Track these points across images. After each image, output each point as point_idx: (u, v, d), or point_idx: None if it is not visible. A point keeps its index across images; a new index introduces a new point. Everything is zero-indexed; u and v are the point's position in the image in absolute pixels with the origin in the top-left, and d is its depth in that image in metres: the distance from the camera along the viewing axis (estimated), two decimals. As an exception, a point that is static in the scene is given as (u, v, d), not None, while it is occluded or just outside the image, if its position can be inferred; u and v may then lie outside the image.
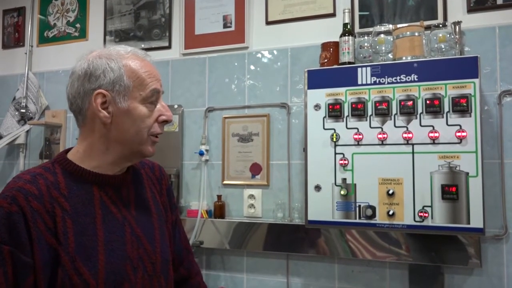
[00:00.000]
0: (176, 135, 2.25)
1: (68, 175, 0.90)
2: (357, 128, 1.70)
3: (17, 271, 0.79)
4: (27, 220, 0.81)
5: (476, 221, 1.53)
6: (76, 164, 0.92)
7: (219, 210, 2.10)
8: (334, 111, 1.73)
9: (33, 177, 0.87)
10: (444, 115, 1.59)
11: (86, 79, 0.91)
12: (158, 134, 0.97)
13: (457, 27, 1.74)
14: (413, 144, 1.63)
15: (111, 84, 0.90)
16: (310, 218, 1.75)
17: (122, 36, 2.46)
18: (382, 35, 1.79)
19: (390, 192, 1.63)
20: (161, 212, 1.06)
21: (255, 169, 2.09)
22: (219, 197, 2.12)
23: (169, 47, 2.33)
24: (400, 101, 1.65)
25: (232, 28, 2.20)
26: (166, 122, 0.97)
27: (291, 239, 1.95)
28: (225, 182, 2.14)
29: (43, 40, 2.70)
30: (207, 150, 2.18)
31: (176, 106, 2.26)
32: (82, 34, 2.59)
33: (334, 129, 1.73)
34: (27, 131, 2.62)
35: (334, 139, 1.72)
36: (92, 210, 0.89)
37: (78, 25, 2.60)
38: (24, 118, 2.59)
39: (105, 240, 0.88)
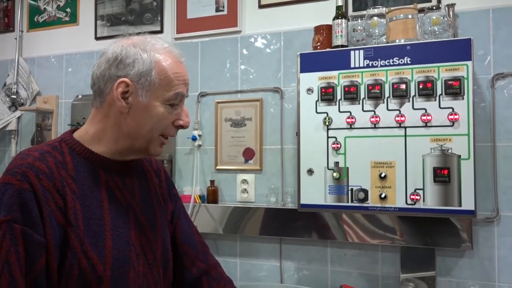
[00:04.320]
0: (169, 120, 2.23)
1: (75, 156, 0.89)
2: (350, 112, 1.70)
3: (29, 250, 0.76)
4: (39, 199, 0.78)
5: (468, 204, 1.54)
6: (85, 146, 0.91)
7: (212, 195, 2.10)
8: (327, 95, 1.72)
9: (41, 155, 0.85)
10: (437, 98, 1.59)
11: (115, 64, 0.89)
12: (170, 136, 0.95)
13: (450, 9, 1.72)
14: (405, 127, 1.62)
15: (137, 76, 0.88)
16: (302, 202, 1.75)
17: (113, 21, 2.42)
18: (375, 18, 1.77)
19: (382, 175, 1.63)
20: (161, 203, 1.05)
21: (248, 154, 2.09)
22: (212, 182, 2.11)
23: (161, 31, 2.31)
24: (393, 84, 1.64)
25: (225, 12, 2.18)
26: (181, 127, 0.95)
27: (284, 224, 1.95)
28: (218, 167, 2.14)
29: (33, 25, 2.66)
30: (199, 135, 2.17)
31: (168, 91, 2.24)
32: (73, 19, 2.55)
33: (327, 113, 1.73)
34: (19, 117, 2.60)
35: (327, 123, 1.72)
36: (99, 194, 0.88)
37: (68, 10, 2.56)
38: (15, 104, 2.57)
39: (112, 225, 0.87)
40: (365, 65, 1.68)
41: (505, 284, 1.68)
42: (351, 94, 1.69)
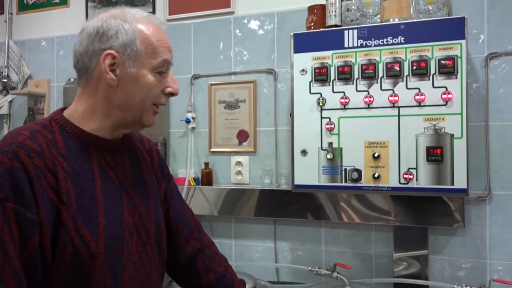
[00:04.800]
0: (162, 103, 2.21)
1: (66, 135, 0.88)
2: (344, 92, 1.69)
3: (22, 229, 0.76)
4: (30, 177, 0.78)
5: (460, 182, 1.55)
6: (75, 125, 0.90)
7: (206, 178, 2.10)
8: (321, 75, 1.72)
9: (32, 133, 0.84)
10: (431, 77, 1.58)
11: (97, 38, 0.88)
12: (161, 104, 0.95)
13: (445, -12, 1.71)
14: (399, 107, 1.62)
15: (122, 47, 0.87)
16: (296, 182, 1.75)
17: (104, 2, 2.38)
18: (369, -3, 1.76)
19: (376, 155, 1.63)
20: (154, 183, 1.05)
21: (242, 136, 2.08)
22: (206, 164, 2.11)
23: (153, 12, 2.27)
24: (387, 63, 1.63)
25: (217, -8, 2.15)
26: (172, 94, 0.95)
27: (279, 205, 1.96)
28: (212, 149, 2.13)
29: (23, 7, 2.61)
30: (193, 118, 2.16)
31: (161, 74, 2.22)
32: (63, 1, 2.51)
33: (321, 93, 1.72)
34: (10, 101, 2.57)
35: (321, 104, 1.71)
36: (90, 172, 0.87)
37: (58, -9, 2.52)
38: (6, 88, 2.54)
39: (105, 203, 0.86)
40: (358, 45, 1.67)
41: (496, 262, 1.71)
42: (344, 74, 1.68)
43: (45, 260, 0.78)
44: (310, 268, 1.74)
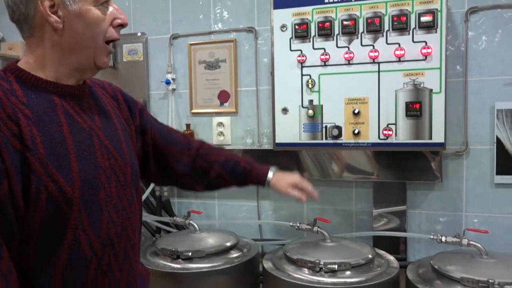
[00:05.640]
0: (141, 64, 2.17)
1: (23, 84, 0.84)
2: (324, 49, 1.67)
3: None
4: None
5: (438, 137, 1.57)
6: (31, 73, 0.85)
7: (188, 139, 2.09)
8: (301, 31, 1.69)
9: None
10: (410, 31, 1.58)
11: None
12: (114, 39, 0.91)
13: None
14: (379, 63, 1.62)
15: None
16: (278, 141, 1.76)
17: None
18: (350, -50, 1.71)
19: (356, 111, 1.64)
20: (124, 126, 1.03)
21: (223, 96, 2.06)
22: (187, 126, 2.10)
23: (128, -30, 2.19)
24: (367, 18, 1.61)
25: None
26: (121, 26, 0.92)
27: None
28: (193, 110, 2.11)
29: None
30: (173, 79, 2.12)
31: (139, 34, 2.17)
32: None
33: (301, 50, 1.70)
34: (-17, 66, 2.49)
35: (301, 61, 1.70)
36: (56, 118, 0.84)
37: None
38: (-22, 52, 2.45)
39: (76, 148, 0.84)
40: (339, -1, 1.65)
41: (471, 214, 1.76)
42: (325, 30, 1.66)
43: (18, 210, 0.77)
44: (291, 224, 1.77)
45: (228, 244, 1.72)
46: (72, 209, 0.81)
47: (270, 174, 1.33)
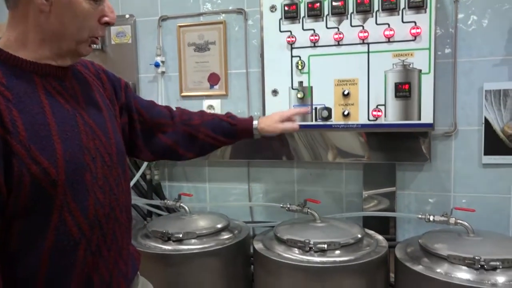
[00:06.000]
0: (130, 47, 2.14)
1: (2, 64, 0.82)
2: (314, 29, 1.66)
3: None
4: None
5: (427, 117, 1.58)
6: (11, 53, 0.83)
7: (178, 122, 2.08)
8: (290, 12, 1.68)
9: None
10: (400, 12, 1.57)
11: None
12: (99, 36, 0.90)
13: None
14: (368, 44, 1.61)
15: None
16: (268, 123, 1.75)
17: None
18: None
19: (346, 92, 1.64)
20: (108, 106, 1.02)
21: (213, 79, 2.05)
22: (178, 109, 2.08)
23: (115, -50, 2.15)
24: (357, -2, 1.60)
25: None
26: (108, 24, 0.90)
27: (251, 147, 1.97)
28: (183, 93, 2.10)
29: None
30: (163, 62, 2.10)
31: (127, 16, 2.13)
32: None
33: (291, 31, 1.69)
34: (-31, 49, 2.44)
35: (291, 42, 1.69)
36: (38, 99, 0.82)
37: None
38: (-37, 35, 2.40)
39: (59, 130, 0.82)
40: (329, -21, 1.63)
41: (459, 194, 1.78)
42: (314, 10, 1.65)
43: (1, 196, 0.76)
44: (281, 205, 1.78)
45: (219, 226, 1.72)
46: (57, 191, 0.80)
47: (255, 122, 1.37)
